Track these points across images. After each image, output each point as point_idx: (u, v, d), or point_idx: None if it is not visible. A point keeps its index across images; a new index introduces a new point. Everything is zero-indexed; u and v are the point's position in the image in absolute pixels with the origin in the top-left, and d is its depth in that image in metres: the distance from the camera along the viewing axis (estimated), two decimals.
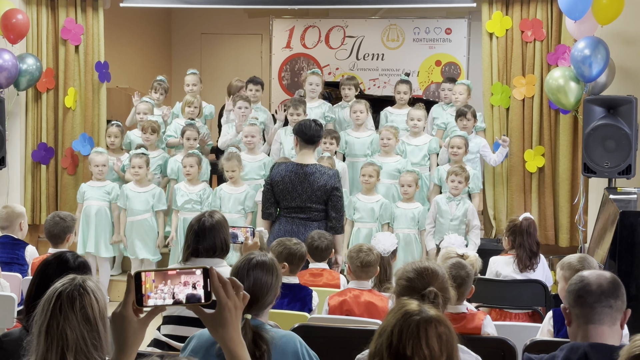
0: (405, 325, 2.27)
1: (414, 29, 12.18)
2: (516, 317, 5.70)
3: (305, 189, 6.23)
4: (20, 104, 8.92)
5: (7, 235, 6.10)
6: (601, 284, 3.01)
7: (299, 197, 6.24)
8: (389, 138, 7.92)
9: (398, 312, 2.33)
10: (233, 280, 2.14)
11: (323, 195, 6.24)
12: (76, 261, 3.49)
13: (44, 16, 8.99)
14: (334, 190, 6.24)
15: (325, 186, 6.22)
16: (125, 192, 7.95)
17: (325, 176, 6.24)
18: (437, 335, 2.26)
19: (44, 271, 3.39)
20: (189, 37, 14.39)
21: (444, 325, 2.29)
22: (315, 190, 6.21)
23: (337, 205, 6.28)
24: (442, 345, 2.25)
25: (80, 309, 2.54)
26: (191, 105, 8.59)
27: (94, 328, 2.56)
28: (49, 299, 2.57)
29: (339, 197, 6.29)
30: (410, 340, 2.24)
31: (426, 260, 3.25)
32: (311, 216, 6.25)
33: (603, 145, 7.36)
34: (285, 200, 6.29)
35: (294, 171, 6.27)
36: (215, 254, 4.40)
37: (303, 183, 6.23)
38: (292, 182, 6.25)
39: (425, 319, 2.28)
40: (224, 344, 2.14)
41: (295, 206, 6.26)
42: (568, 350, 2.96)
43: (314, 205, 6.23)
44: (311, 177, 6.22)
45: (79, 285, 2.59)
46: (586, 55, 7.37)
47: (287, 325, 3.89)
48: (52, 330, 2.52)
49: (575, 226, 8.27)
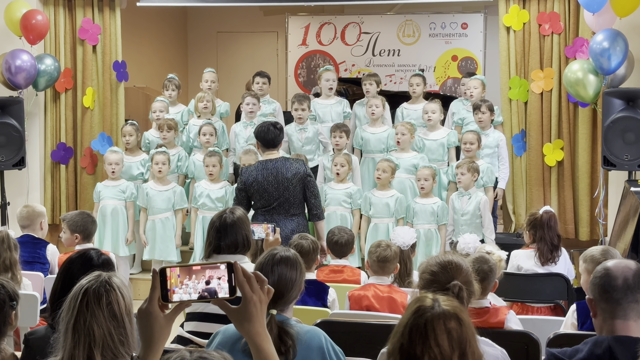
0: (415, 325, 2.25)
1: (430, 24, 12.16)
2: (538, 311, 5.68)
3: (279, 182, 6.24)
4: (39, 105, 8.96)
5: (28, 235, 6.12)
6: (627, 278, 2.97)
7: (275, 191, 6.24)
8: (403, 133, 7.89)
9: (411, 310, 2.32)
10: (257, 275, 2.14)
11: (298, 183, 6.26)
12: (100, 258, 3.51)
13: (61, 16, 9.03)
14: (307, 177, 6.30)
15: (298, 173, 6.25)
16: (146, 190, 7.96)
17: (295, 165, 6.29)
18: (447, 332, 2.22)
19: (69, 269, 3.41)
20: (205, 35, 14.42)
21: (454, 320, 2.24)
22: (291, 179, 6.23)
23: (314, 190, 6.36)
24: (452, 342, 2.21)
25: (106, 305, 2.56)
26: (203, 100, 8.57)
27: (121, 324, 2.57)
28: (76, 295, 2.59)
29: (314, 183, 6.37)
30: (420, 339, 2.22)
31: (450, 254, 3.23)
32: (290, 210, 6.25)
33: (623, 138, 7.31)
34: (262, 199, 6.29)
35: (264, 168, 6.29)
36: (237, 251, 4.41)
37: (276, 177, 6.24)
38: (265, 179, 6.26)
39: (434, 316, 2.24)
40: (249, 338, 2.14)
41: (273, 202, 6.26)
42: (592, 344, 2.94)
43: (291, 197, 6.24)
44: (282, 169, 6.24)
45: (105, 282, 2.60)
46: (605, 47, 7.33)
47: (308, 321, 3.89)
48: (79, 327, 2.53)
49: (595, 219, 8.23)
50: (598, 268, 3.05)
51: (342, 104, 8.73)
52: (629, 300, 2.96)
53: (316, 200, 6.36)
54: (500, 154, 8.11)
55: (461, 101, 8.89)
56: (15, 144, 8.10)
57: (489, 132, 8.05)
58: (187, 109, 9.01)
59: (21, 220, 6.20)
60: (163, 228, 7.94)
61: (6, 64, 8.21)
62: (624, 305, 2.96)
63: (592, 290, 3.04)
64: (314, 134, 8.36)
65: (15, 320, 3.45)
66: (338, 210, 7.62)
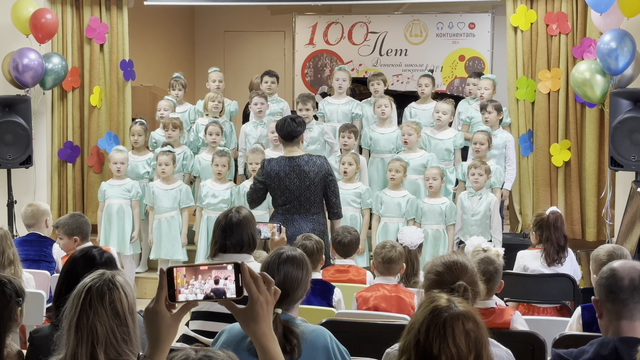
0: (433, 323, 2.26)
1: (437, 24, 12.13)
2: (544, 312, 5.67)
3: (302, 179, 6.23)
4: (46, 103, 8.98)
5: (34, 233, 6.13)
6: (633, 279, 2.97)
7: (297, 189, 6.24)
8: (410, 134, 7.89)
9: (427, 309, 2.32)
10: (264, 275, 2.14)
11: (320, 183, 6.25)
12: (103, 257, 3.51)
13: (68, 15, 9.04)
14: (329, 176, 6.30)
15: (320, 172, 6.24)
16: (152, 189, 7.97)
17: (318, 163, 6.27)
18: (465, 333, 2.24)
19: (72, 269, 3.41)
20: (212, 34, 14.43)
21: (472, 321, 2.27)
22: (313, 178, 6.22)
23: (335, 190, 6.36)
24: (469, 343, 2.23)
25: (109, 304, 2.56)
26: (215, 100, 8.59)
27: (124, 322, 2.57)
28: (79, 294, 2.59)
29: (335, 182, 6.37)
30: (437, 338, 2.23)
31: (455, 254, 3.23)
32: (310, 209, 6.24)
33: (630, 139, 7.30)
34: (283, 196, 6.27)
35: (286, 164, 6.27)
36: (243, 250, 4.41)
37: (299, 174, 6.23)
38: (287, 175, 6.24)
39: (453, 316, 2.25)
40: (255, 338, 2.14)
41: (293, 199, 6.24)
42: (598, 345, 2.94)
43: (312, 196, 6.23)
44: (305, 167, 6.23)
45: (109, 280, 2.60)
46: (612, 48, 7.32)
47: (313, 320, 3.89)
48: (82, 325, 2.53)
49: (602, 220, 8.22)
50: (604, 269, 3.05)
51: (352, 105, 8.71)
52: (635, 301, 2.96)
53: (337, 199, 6.36)
54: (508, 155, 8.09)
55: (467, 101, 8.88)
56: (22, 143, 8.12)
57: (496, 132, 8.04)
58: (194, 108, 9.01)
59: (26, 219, 6.21)
60: (169, 227, 7.95)
61: (14, 62, 8.24)
62: (630, 306, 2.95)
63: (598, 291, 3.04)
64: (319, 133, 8.34)
65: (21, 317, 3.46)
66: (348, 210, 7.61)
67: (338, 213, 6.40)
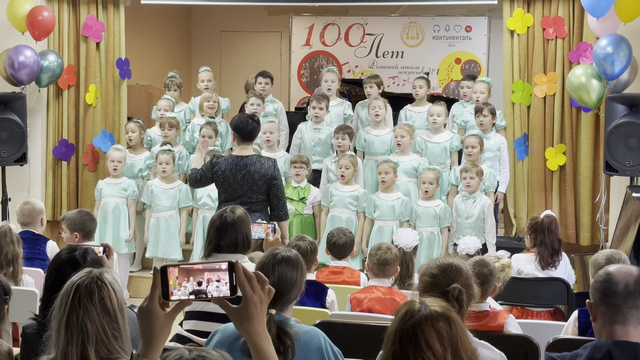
0: (404, 331, 2.27)
1: (434, 26, 12.16)
2: (538, 315, 5.67)
3: (246, 179, 6.25)
4: (42, 101, 8.96)
5: (28, 231, 6.12)
6: (628, 284, 2.96)
7: (240, 188, 6.26)
8: (403, 136, 7.88)
9: (398, 316, 2.33)
10: (258, 275, 2.14)
11: (264, 185, 6.26)
12: (86, 261, 3.43)
13: (65, 13, 9.02)
14: (273, 180, 6.28)
15: (265, 175, 6.25)
16: (151, 188, 7.95)
17: (265, 166, 6.28)
18: (436, 332, 2.24)
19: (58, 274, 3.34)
20: (209, 34, 14.42)
21: (443, 320, 2.27)
22: (257, 180, 6.24)
23: (278, 194, 6.33)
24: (443, 342, 2.24)
25: (99, 301, 2.55)
26: (210, 100, 8.58)
27: (114, 319, 2.56)
28: (67, 292, 2.57)
29: (279, 186, 6.35)
30: (410, 344, 2.24)
31: (450, 257, 3.22)
32: (252, 207, 6.21)
33: (625, 143, 7.30)
34: (226, 192, 6.32)
35: (234, 162, 6.30)
36: (237, 250, 4.42)
37: (244, 174, 6.25)
38: (233, 175, 6.27)
39: (421, 319, 2.26)
40: (249, 338, 2.13)
41: (236, 197, 6.26)
42: (592, 349, 2.93)
43: (255, 195, 6.24)
44: (251, 168, 6.25)
45: (97, 278, 2.59)
46: (608, 52, 7.32)
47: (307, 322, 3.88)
48: (72, 324, 2.52)
49: (596, 225, 8.22)
50: (600, 272, 3.04)
51: (344, 106, 8.71)
52: (629, 306, 2.95)
53: (279, 202, 6.33)
54: (501, 157, 8.10)
55: (462, 104, 8.89)
56: (17, 140, 8.10)
57: (490, 135, 8.05)
58: (187, 107, 9.01)
59: (22, 217, 6.20)
60: (167, 226, 7.94)
61: (9, 59, 8.21)
62: (624, 311, 2.94)
63: (593, 295, 3.03)
64: (327, 136, 8.32)
65: (7, 315, 3.45)
66: (344, 212, 7.61)
67: (280, 216, 6.34)
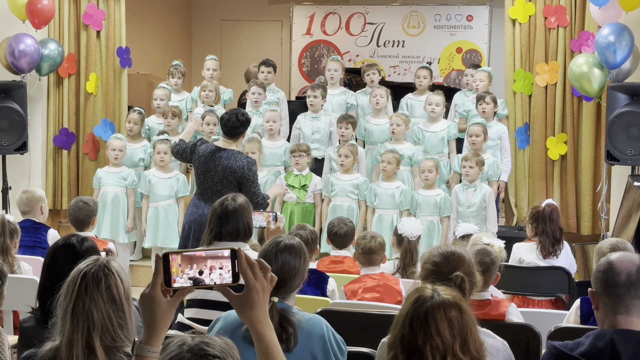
0: (415, 315, 2.27)
1: (435, 15, 12.14)
2: (539, 304, 5.67)
3: (217, 171, 6.27)
4: (42, 89, 8.94)
5: (29, 219, 6.11)
6: (630, 274, 2.93)
7: (211, 178, 6.29)
8: (399, 124, 7.86)
9: (410, 301, 2.33)
10: (261, 262, 2.13)
11: (233, 180, 6.24)
12: (83, 246, 3.38)
13: (65, 1, 8.99)
14: (244, 179, 6.24)
15: (235, 172, 6.22)
16: (148, 177, 7.93)
17: (238, 163, 6.24)
18: (447, 320, 2.25)
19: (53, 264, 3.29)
20: (209, 23, 14.38)
21: (455, 308, 2.27)
22: (227, 175, 6.23)
23: (250, 189, 6.24)
24: (453, 331, 2.24)
25: (105, 289, 2.55)
26: (206, 89, 8.52)
27: (120, 308, 2.56)
28: (74, 280, 2.57)
29: (248, 183, 6.24)
30: (420, 329, 2.24)
31: (453, 245, 3.22)
32: None
33: (626, 133, 7.29)
34: (198, 179, 6.39)
35: (210, 153, 6.33)
36: (239, 238, 4.42)
37: (216, 166, 6.27)
38: (206, 161, 6.31)
39: (434, 305, 2.26)
40: (251, 325, 2.13)
41: (207, 188, 6.31)
42: (594, 337, 2.92)
43: (224, 190, 6.10)
44: (225, 162, 6.24)
45: (104, 266, 2.59)
46: (610, 41, 7.30)
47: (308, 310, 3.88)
48: (78, 311, 2.52)
49: (597, 214, 8.21)
50: (602, 261, 3.01)
51: (346, 95, 8.69)
52: (632, 296, 2.93)
53: (251, 194, 6.17)
54: (503, 146, 8.09)
55: (464, 93, 8.87)
56: (18, 129, 8.08)
57: (491, 124, 8.03)
58: (190, 96, 8.99)
59: (21, 206, 6.20)
60: (165, 215, 7.92)
61: (10, 47, 8.19)
62: (627, 301, 2.92)
63: (595, 284, 3.02)
64: (325, 124, 8.29)
65: (2, 299, 3.45)
66: (345, 201, 7.60)
67: (259, 202, 6.25)
